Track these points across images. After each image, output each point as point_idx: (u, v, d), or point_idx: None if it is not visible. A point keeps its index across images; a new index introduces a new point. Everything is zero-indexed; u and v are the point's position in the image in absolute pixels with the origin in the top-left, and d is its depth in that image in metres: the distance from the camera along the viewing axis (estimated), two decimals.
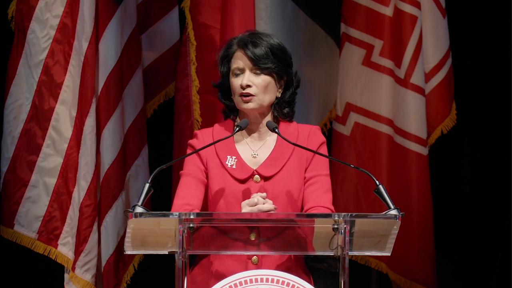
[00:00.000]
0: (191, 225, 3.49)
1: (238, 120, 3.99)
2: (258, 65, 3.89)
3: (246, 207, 3.72)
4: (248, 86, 3.89)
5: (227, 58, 3.95)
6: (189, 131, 5.61)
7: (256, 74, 3.90)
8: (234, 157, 3.91)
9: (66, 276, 5.42)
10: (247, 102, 3.89)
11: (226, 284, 3.43)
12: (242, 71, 3.91)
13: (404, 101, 5.87)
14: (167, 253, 3.56)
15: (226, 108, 4.02)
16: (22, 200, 5.42)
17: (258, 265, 3.79)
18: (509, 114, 6.08)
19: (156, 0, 5.76)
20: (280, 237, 3.56)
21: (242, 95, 3.89)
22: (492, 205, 6.17)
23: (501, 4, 6.06)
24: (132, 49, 5.60)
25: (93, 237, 5.38)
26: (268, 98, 3.93)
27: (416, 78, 5.87)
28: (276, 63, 3.90)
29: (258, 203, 3.71)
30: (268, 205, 3.72)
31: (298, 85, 4.01)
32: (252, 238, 3.57)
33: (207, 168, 3.91)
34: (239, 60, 3.91)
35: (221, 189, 3.87)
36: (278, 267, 3.76)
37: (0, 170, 5.46)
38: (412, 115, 5.86)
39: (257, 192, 3.80)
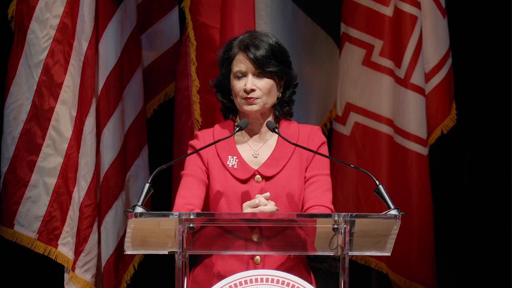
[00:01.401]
0: (191, 225, 3.49)
1: (238, 120, 3.98)
2: (261, 69, 3.88)
3: (247, 209, 3.70)
4: (252, 90, 3.88)
5: (228, 61, 3.93)
6: (189, 131, 5.61)
7: (259, 77, 3.89)
8: (235, 157, 3.91)
9: (66, 276, 5.41)
10: (251, 104, 3.89)
11: (226, 284, 3.43)
12: (244, 74, 3.90)
13: (404, 101, 5.87)
14: (167, 253, 3.56)
15: (223, 107, 4.01)
16: (22, 200, 5.42)
17: (260, 265, 3.78)
18: (509, 114, 6.08)
19: (156, 0, 5.76)
20: (281, 237, 3.55)
21: (246, 98, 3.88)
22: (492, 205, 6.17)
23: (501, 4, 6.06)
24: (132, 49, 5.60)
25: (93, 237, 5.38)
26: (271, 100, 3.92)
27: (416, 78, 5.87)
28: (278, 66, 3.89)
29: (260, 205, 3.69)
30: (270, 206, 3.70)
31: (297, 83, 4.00)
32: (255, 239, 3.56)
33: (208, 168, 3.91)
34: (242, 64, 3.90)
35: (222, 189, 3.86)
36: (281, 267, 3.76)
37: (0, 170, 5.46)
38: (412, 115, 5.86)
39: (258, 193, 3.79)
